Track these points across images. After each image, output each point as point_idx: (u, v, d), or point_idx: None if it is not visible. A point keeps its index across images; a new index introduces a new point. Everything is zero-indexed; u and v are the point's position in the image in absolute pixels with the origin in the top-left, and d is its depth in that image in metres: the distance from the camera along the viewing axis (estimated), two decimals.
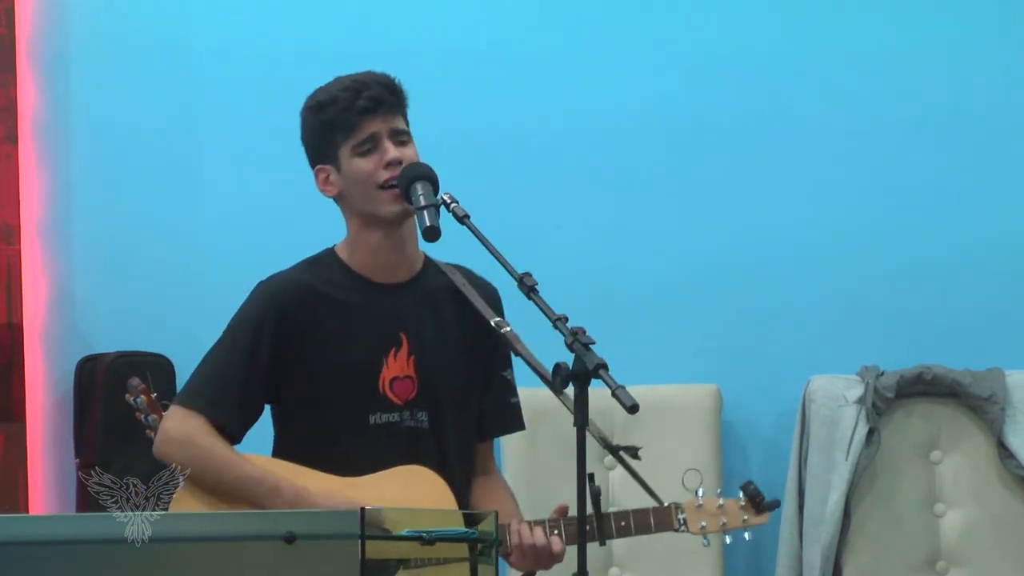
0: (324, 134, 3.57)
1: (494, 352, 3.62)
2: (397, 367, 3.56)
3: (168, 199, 5.03)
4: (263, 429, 3.63)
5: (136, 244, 5.01)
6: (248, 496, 3.45)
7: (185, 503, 3.43)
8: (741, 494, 3.62)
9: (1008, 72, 5.14)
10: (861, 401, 4.85)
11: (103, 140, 5.02)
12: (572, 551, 3.13)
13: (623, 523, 3.50)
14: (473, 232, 3.41)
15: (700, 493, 3.58)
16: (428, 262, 3.66)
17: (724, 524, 3.59)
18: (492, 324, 3.49)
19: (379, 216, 3.54)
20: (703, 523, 3.58)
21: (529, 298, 3.31)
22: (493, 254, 3.39)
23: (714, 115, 5.11)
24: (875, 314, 5.10)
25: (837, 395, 4.88)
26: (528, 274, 3.35)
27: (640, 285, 5.08)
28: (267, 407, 3.61)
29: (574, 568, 2.98)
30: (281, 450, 3.59)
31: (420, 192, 3.45)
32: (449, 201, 3.45)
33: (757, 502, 3.60)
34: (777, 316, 5.10)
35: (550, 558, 3.46)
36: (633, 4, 5.13)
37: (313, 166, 3.60)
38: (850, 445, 4.81)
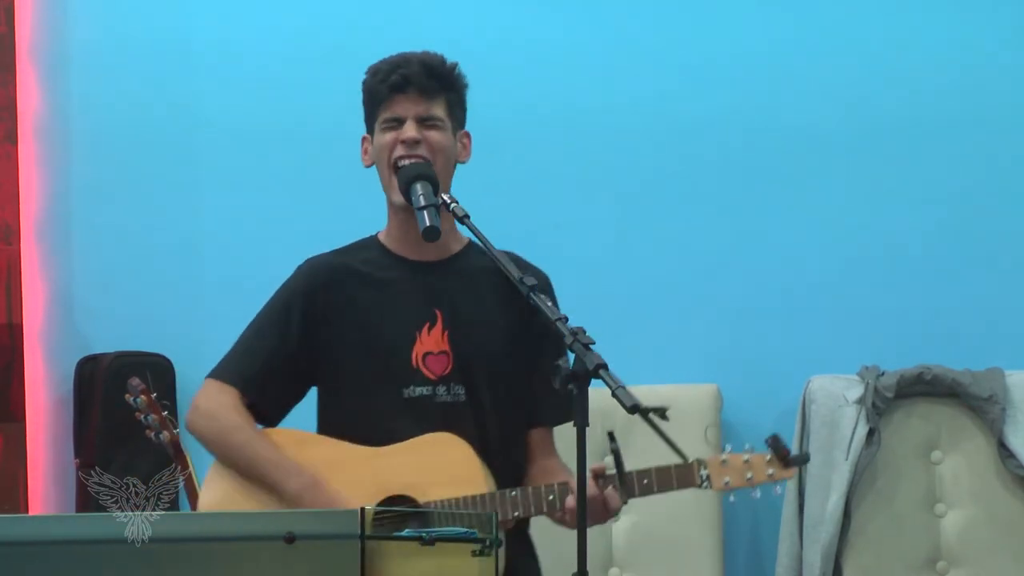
0: (367, 103, 3.65)
1: (543, 338, 3.56)
2: (431, 342, 3.59)
3: (168, 199, 5.03)
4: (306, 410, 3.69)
5: (136, 244, 5.01)
6: (261, 474, 3.50)
7: (215, 484, 3.52)
8: (768, 448, 3.51)
9: (1009, 72, 5.14)
10: (861, 401, 4.84)
11: (103, 140, 5.02)
12: (568, 543, 3.10)
13: (645, 481, 3.47)
14: (473, 232, 3.41)
15: (727, 449, 3.52)
16: (471, 244, 3.68)
17: (750, 479, 3.51)
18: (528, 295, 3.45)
19: (391, 200, 3.59)
20: (727, 479, 3.50)
21: (529, 298, 3.31)
22: (493, 254, 3.39)
23: (714, 115, 5.11)
24: (875, 314, 5.09)
25: (837, 395, 4.88)
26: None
27: (640, 285, 5.08)
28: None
29: (574, 568, 2.98)
30: (323, 427, 3.65)
31: (420, 192, 3.46)
32: (449, 201, 3.45)
33: (783, 456, 3.50)
34: (777, 316, 5.09)
35: (604, 511, 3.42)
36: (633, 4, 5.13)
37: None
38: (850, 445, 4.80)
